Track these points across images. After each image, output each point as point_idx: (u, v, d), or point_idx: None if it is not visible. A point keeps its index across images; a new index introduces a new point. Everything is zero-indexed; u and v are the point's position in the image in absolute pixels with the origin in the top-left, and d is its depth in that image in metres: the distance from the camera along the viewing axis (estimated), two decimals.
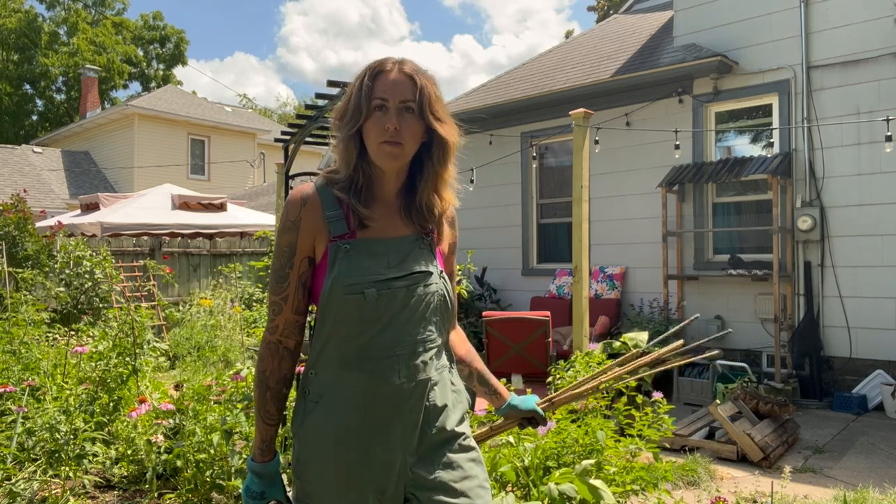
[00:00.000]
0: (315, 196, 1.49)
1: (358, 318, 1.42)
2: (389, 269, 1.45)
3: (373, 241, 1.47)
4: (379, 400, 1.43)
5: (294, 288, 1.48)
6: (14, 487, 3.10)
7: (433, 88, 1.49)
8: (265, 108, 41.04)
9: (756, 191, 7.10)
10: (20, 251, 7.97)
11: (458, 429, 1.54)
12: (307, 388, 1.47)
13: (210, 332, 7.76)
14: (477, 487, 1.52)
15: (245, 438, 3.16)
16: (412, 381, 1.45)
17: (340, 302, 1.41)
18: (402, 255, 1.48)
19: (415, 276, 1.47)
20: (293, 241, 1.47)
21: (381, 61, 1.48)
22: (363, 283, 1.41)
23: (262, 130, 23.97)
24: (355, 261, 1.44)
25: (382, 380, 1.42)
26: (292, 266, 1.48)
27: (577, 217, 5.30)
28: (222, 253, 11.09)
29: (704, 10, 7.46)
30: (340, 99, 1.62)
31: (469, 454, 1.55)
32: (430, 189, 1.53)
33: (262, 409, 1.50)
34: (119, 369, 4.09)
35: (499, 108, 8.79)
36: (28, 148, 22.27)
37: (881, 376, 6.09)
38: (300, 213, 1.47)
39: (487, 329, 5.87)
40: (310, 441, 1.44)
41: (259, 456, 1.51)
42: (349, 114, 1.46)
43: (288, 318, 1.49)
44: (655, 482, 2.98)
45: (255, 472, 1.51)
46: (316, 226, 1.47)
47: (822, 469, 4.41)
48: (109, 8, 34.00)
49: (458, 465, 1.51)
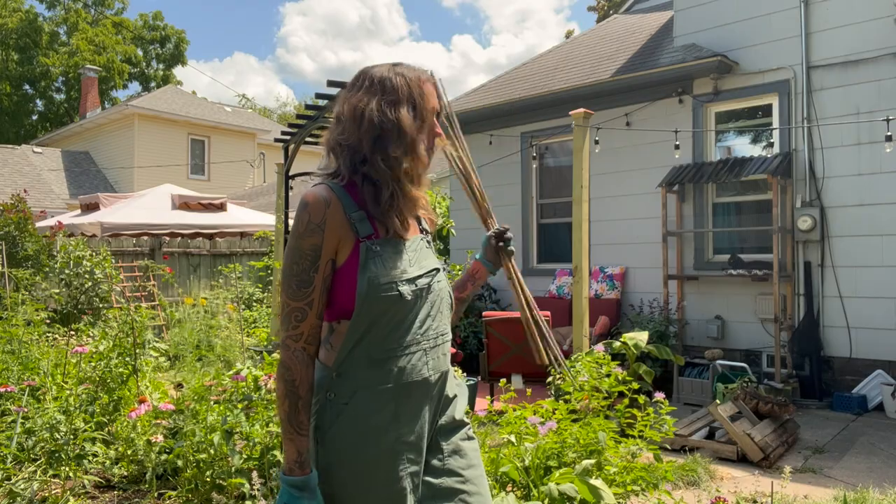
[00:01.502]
0: (336, 198, 1.48)
1: (393, 316, 1.45)
2: (412, 266, 1.50)
3: (396, 241, 1.51)
4: (412, 394, 1.48)
5: (319, 292, 1.45)
6: (14, 487, 3.09)
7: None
8: (265, 108, 41.05)
9: (756, 191, 7.10)
10: (20, 251, 7.98)
11: (465, 419, 1.63)
12: (331, 391, 1.45)
13: (210, 332, 7.76)
14: (479, 476, 1.60)
15: (245, 438, 3.15)
16: (437, 372, 1.53)
17: (378, 301, 1.43)
18: (417, 253, 1.54)
19: (431, 272, 1.55)
20: (318, 243, 1.44)
21: (426, 73, 1.59)
22: (397, 282, 1.45)
23: (262, 130, 23.96)
24: (386, 260, 1.46)
25: (414, 374, 1.48)
26: (317, 270, 1.44)
27: (577, 217, 5.30)
28: (222, 253, 11.09)
29: (704, 10, 7.46)
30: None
31: (473, 443, 1.63)
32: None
33: (294, 420, 1.42)
34: (119, 369, 4.09)
35: (499, 108, 8.78)
36: (28, 148, 22.28)
37: (881, 376, 6.09)
38: (325, 214, 1.44)
39: (487, 329, 5.87)
40: (343, 443, 1.43)
41: (298, 470, 1.42)
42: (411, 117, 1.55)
43: (313, 323, 1.45)
44: (656, 482, 2.98)
45: (296, 487, 1.41)
46: (341, 227, 1.46)
47: (822, 469, 4.41)
48: (109, 7, 34.01)
49: (465, 454, 1.58)
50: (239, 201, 13.94)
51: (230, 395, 3.44)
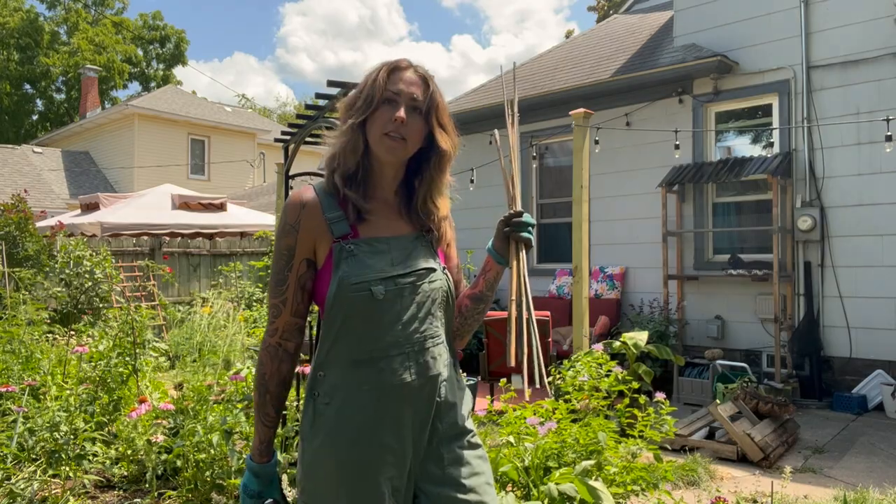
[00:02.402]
0: (315, 199, 1.50)
1: (366, 317, 1.43)
2: (394, 266, 1.47)
3: (376, 240, 1.49)
4: (391, 397, 1.44)
5: (293, 291, 1.49)
6: (14, 487, 3.09)
7: (442, 98, 1.54)
8: (265, 108, 41.05)
9: (756, 191, 7.10)
10: (20, 251, 7.98)
11: (468, 426, 1.57)
12: (316, 389, 1.47)
13: (210, 332, 7.76)
14: (485, 484, 1.54)
15: (245, 438, 3.16)
16: (423, 377, 1.47)
17: (348, 301, 1.42)
18: (405, 253, 1.50)
19: (419, 272, 1.50)
20: (292, 244, 1.48)
21: (398, 60, 1.53)
22: (370, 281, 1.43)
23: (262, 130, 23.95)
24: (360, 259, 1.45)
25: (393, 377, 1.44)
26: (291, 269, 1.49)
27: (577, 217, 5.30)
28: (222, 253, 11.09)
29: (704, 10, 7.46)
30: (340, 98, 1.63)
31: (477, 451, 1.57)
32: (427, 194, 1.56)
33: (261, 411, 1.51)
34: (119, 369, 4.09)
35: (499, 108, 8.78)
36: (28, 148, 22.27)
37: (881, 376, 6.09)
38: (299, 216, 1.49)
39: (487, 329, 5.87)
40: (322, 442, 1.44)
41: (258, 457, 1.52)
42: (359, 102, 1.49)
43: (287, 320, 1.50)
44: (656, 482, 2.98)
45: (253, 472, 1.52)
46: (316, 228, 1.48)
47: (822, 469, 4.41)
48: (109, 7, 34.02)
49: (468, 462, 1.53)
50: (239, 201, 13.94)
51: (230, 395, 3.45)
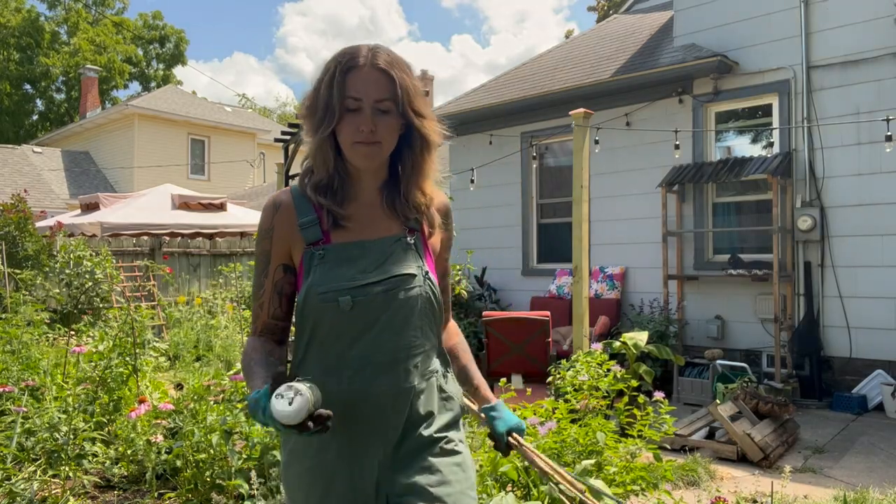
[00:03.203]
0: (289, 202, 1.45)
1: (334, 327, 1.38)
2: (366, 273, 1.40)
3: (349, 245, 1.42)
4: (359, 408, 1.39)
5: (269, 296, 1.46)
6: (14, 487, 3.09)
7: (411, 81, 1.39)
8: (264, 108, 41.04)
9: (756, 191, 7.09)
10: (20, 251, 7.98)
11: (442, 434, 1.47)
12: None
13: (210, 332, 7.76)
14: (457, 494, 1.43)
15: (244, 438, 3.16)
16: (395, 389, 1.40)
17: (316, 310, 1.38)
18: (381, 258, 1.42)
19: (394, 279, 1.41)
20: (268, 249, 1.45)
21: (352, 54, 1.38)
22: (337, 291, 1.37)
23: (262, 130, 23.96)
24: (329, 268, 1.39)
25: (361, 389, 1.38)
26: (267, 274, 1.46)
27: (577, 217, 5.30)
28: (222, 253, 11.09)
29: (704, 10, 7.45)
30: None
31: (453, 458, 1.47)
32: (413, 182, 1.46)
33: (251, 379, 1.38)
34: (119, 369, 4.09)
35: (498, 108, 8.79)
36: (28, 148, 22.27)
37: (881, 376, 6.09)
38: (272, 220, 1.45)
39: (487, 329, 5.87)
40: (293, 447, 1.45)
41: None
42: (320, 113, 1.38)
43: (266, 322, 1.48)
44: (656, 482, 2.98)
45: (248, 399, 1.33)
46: (289, 233, 1.44)
47: (821, 469, 4.41)
48: (109, 7, 34.02)
49: (437, 469, 1.43)
50: (239, 201, 13.94)
51: (229, 395, 3.45)
